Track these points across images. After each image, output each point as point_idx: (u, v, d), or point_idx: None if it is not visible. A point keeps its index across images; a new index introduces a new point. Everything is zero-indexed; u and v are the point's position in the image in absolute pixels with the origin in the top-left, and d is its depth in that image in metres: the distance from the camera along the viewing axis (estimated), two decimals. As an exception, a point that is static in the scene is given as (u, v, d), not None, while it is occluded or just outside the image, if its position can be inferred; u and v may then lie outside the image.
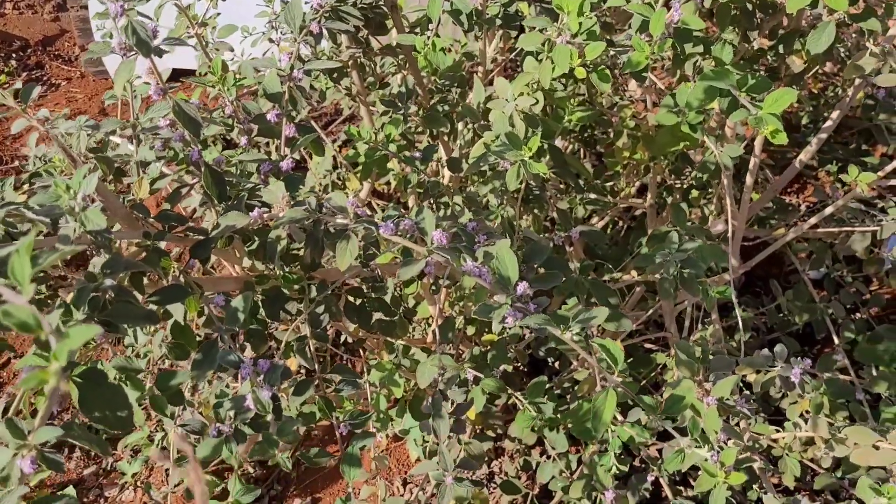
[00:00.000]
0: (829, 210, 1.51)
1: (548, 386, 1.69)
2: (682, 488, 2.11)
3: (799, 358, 1.19)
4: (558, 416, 1.54)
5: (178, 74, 2.08)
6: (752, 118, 1.03)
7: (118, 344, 2.17)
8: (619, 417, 1.46)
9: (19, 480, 0.73)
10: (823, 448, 1.16)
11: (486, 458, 2.24)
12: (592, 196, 1.82)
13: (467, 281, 1.11)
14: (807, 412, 1.62)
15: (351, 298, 1.32)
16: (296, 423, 0.91)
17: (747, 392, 1.20)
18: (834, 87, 2.37)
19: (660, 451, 1.75)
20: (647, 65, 1.10)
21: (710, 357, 1.22)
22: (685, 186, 1.80)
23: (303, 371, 2.28)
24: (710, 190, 1.75)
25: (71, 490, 2.17)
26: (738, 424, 1.26)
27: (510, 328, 1.64)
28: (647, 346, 2.09)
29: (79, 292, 0.82)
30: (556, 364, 2.20)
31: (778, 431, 1.23)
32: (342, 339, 2.38)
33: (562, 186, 1.84)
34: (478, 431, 2.14)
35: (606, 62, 1.16)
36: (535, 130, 1.23)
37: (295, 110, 1.26)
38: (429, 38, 1.36)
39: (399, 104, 1.42)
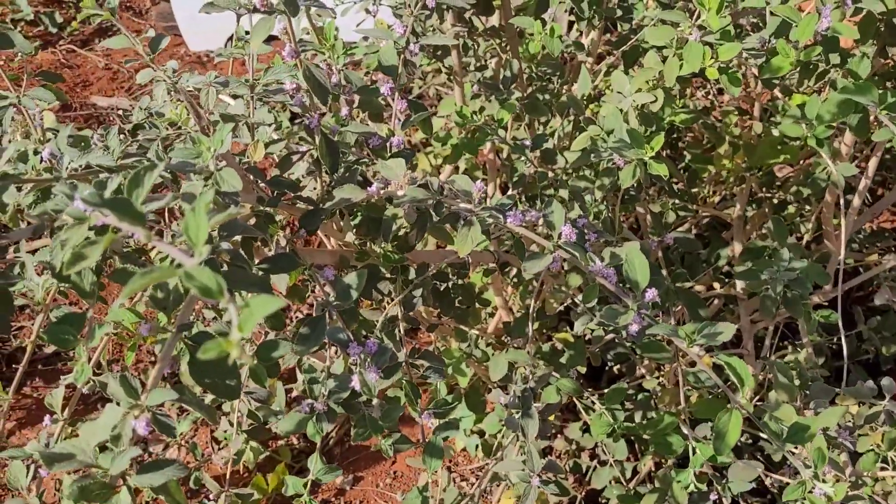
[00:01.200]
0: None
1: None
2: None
3: (910, 394, 1.13)
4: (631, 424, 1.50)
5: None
6: (897, 138, 0.98)
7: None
8: (688, 432, 1.42)
9: (131, 441, 0.70)
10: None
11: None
12: (678, 202, 1.76)
13: (574, 280, 1.07)
14: (878, 445, 1.56)
15: (436, 283, 1.29)
16: (401, 409, 0.88)
17: (849, 423, 1.14)
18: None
19: (719, 469, 1.70)
20: (785, 72, 1.04)
21: (810, 383, 1.17)
22: (777, 201, 1.74)
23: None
24: (807, 208, 1.69)
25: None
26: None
27: (593, 330, 1.59)
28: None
29: (196, 253, 0.79)
30: (616, 370, 2.15)
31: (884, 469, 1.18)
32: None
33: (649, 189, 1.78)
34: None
35: (738, 65, 1.10)
36: (650, 129, 1.18)
37: (402, 85, 1.22)
38: (545, 23, 1.31)
39: (502, 88, 1.37)
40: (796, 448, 0.87)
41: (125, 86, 3.37)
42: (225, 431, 1.96)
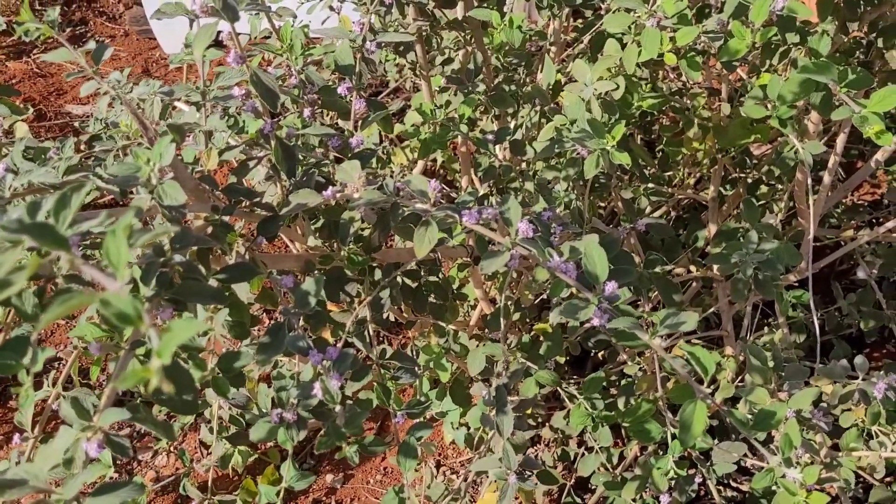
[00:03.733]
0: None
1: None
2: (720, 488, 2.06)
3: (882, 372, 1.13)
4: (610, 412, 1.50)
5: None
6: (857, 117, 0.97)
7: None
8: (667, 418, 1.41)
9: (84, 464, 0.69)
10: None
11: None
12: (652, 186, 1.76)
13: (541, 274, 1.06)
14: (862, 421, 1.56)
15: (407, 281, 1.28)
16: (364, 415, 0.87)
17: (824, 404, 1.14)
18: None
19: (704, 452, 1.70)
20: (743, 54, 1.03)
21: (784, 364, 1.16)
22: (750, 181, 1.73)
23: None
24: (779, 187, 1.68)
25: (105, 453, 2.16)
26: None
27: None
28: (695, 342, 2.03)
29: (147, 266, 0.78)
30: (600, 356, 2.15)
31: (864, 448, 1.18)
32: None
33: (622, 175, 1.77)
34: (516, 418, 2.10)
35: (697, 49, 1.09)
36: (613, 117, 1.17)
37: (361, 84, 1.21)
38: (505, 14, 1.30)
39: (466, 82, 1.36)
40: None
41: (100, 93, 3.34)
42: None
